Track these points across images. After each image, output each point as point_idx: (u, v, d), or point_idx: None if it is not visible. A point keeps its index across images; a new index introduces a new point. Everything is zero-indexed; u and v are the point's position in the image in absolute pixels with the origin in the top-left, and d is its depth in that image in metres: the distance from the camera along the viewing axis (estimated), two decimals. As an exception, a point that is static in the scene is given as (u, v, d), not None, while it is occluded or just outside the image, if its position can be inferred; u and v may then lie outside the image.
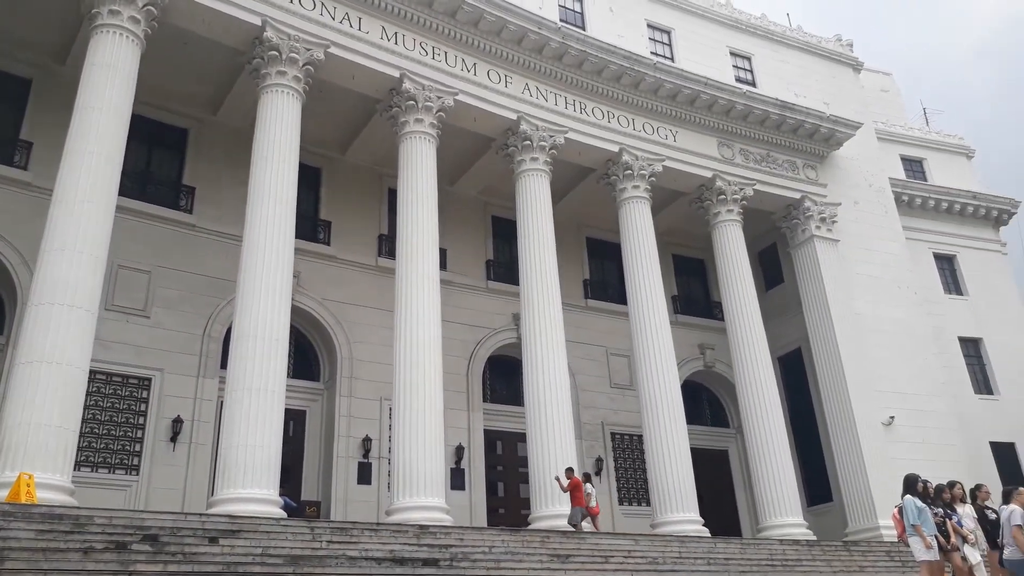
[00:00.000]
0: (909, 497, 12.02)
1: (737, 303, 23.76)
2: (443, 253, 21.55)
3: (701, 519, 19.61)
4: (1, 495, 11.89)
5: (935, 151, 34.99)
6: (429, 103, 20.04)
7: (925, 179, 33.76)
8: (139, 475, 17.89)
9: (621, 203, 23.27)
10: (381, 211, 23.64)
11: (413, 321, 17.73)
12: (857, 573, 16.74)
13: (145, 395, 18.59)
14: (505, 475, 23.44)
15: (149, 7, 16.77)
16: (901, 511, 12.26)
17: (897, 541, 15.75)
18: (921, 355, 25.96)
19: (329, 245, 22.36)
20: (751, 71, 28.20)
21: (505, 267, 24.79)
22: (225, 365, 16.85)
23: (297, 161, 17.92)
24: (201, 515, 13.07)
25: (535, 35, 21.81)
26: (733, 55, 28.20)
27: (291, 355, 19.51)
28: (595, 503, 17.14)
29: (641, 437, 21.69)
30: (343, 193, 23.30)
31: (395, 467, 16.78)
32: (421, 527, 14.60)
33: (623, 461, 25.01)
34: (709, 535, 18.79)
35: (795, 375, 26.08)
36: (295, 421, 20.72)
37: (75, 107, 15.71)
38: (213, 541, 11.87)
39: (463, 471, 21.96)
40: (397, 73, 19.93)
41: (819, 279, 25.19)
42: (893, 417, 23.88)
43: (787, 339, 26.22)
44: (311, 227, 22.20)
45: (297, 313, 19.91)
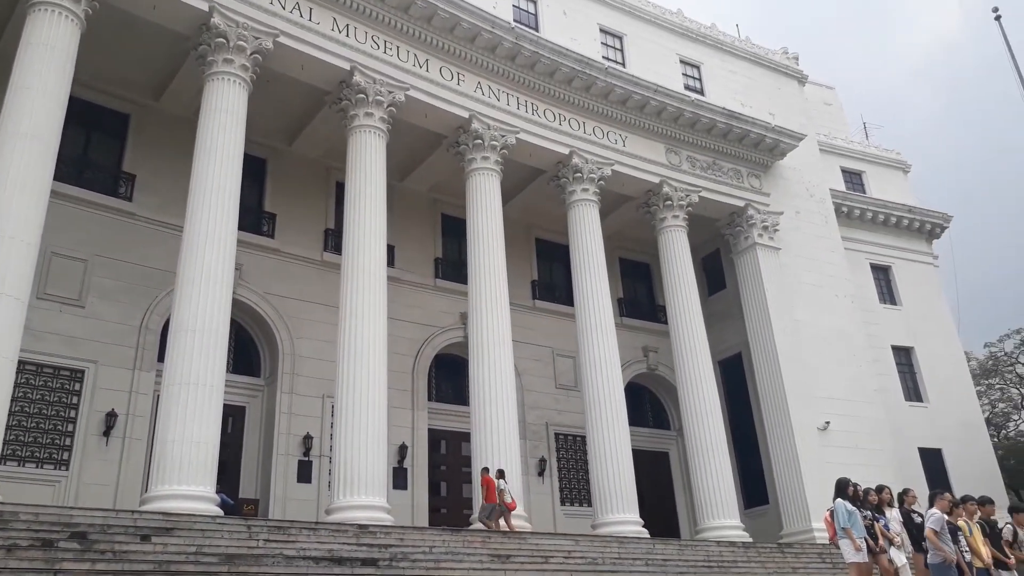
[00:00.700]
0: (840, 501, 12.36)
1: (680, 307, 24.12)
2: (391, 250, 21.39)
3: (641, 520, 19.83)
4: (-83, 490, 11.36)
5: (874, 165, 36.11)
6: (380, 97, 19.85)
7: (864, 191, 34.80)
8: (69, 470, 17.28)
9: (570, 206, 23.41)
10: (328, 205, 23.33)
11: (358, 318, 17.52)
12: (790, 574, 17.14)
13: (78, 387, 17.96)
14: (449, 475, 23.36)
15: (91, -13, 16.22)
16: (833, 514, 12.61)
17: (829, 543, 16.19)
18: (856, 362, 26.75)
19: (273, 238, 21.97)
20: (700, 79, 28.68)
21: (454, 266, 24.72)
22: (163, 358, 16.40)
23: (242, 151, 17.55)
24: (133, 512, 12.69)
25: (488, 34, 21.79)
26: (683, 63, 28.65)
27: (231, 350, 19.14)
28: (510, 499, 17.17)
29: (584, 438, 21.84)
30: (289, 185, 22.92)
31: (336, 466, 16.55)
32: (361, 527, 14.45)
33: (566, 462, 25.16)
34: (648, 536, 19.03)
35: (735, 379, 26.60)
36: (234, 417, 20.31)
37: (8, 87, 15.09)
38: (145, 539, 11.54)
39: (406, 470, 21.81)
40: (347, 66, 19.68)
41: (760, 286, 25.76)
42: (828, 422, 24.54)
43: (728, 344, 26.74)
44: (255, 219, 21.78)
45: (238, 307, 19.50)
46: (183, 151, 18.45)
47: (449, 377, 24.63)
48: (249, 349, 21.59)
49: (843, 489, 12.52)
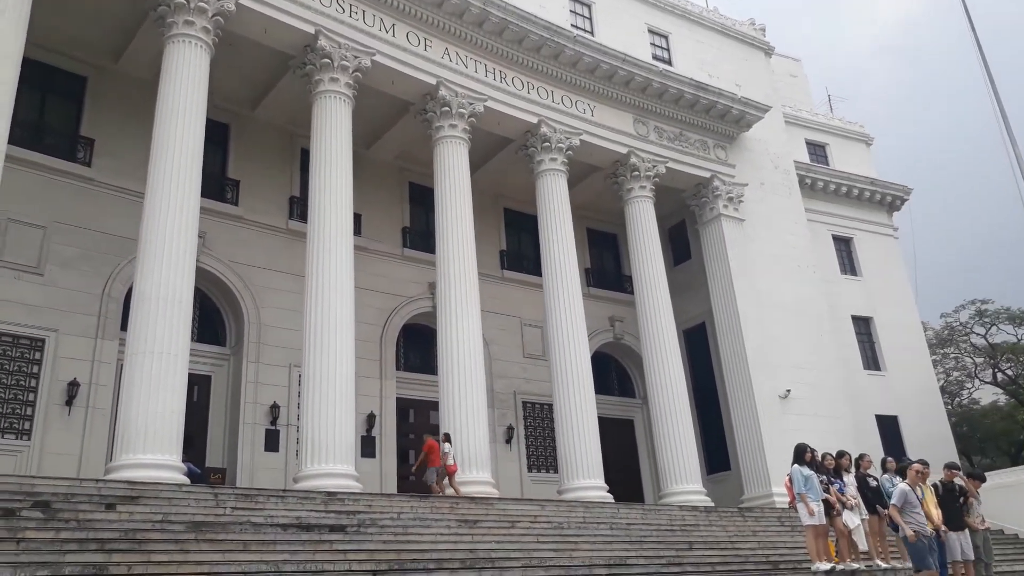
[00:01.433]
0: (796, 466, 12.75)
1: (646, 277, 24.35)
2: (358, 218, 21.16)
3: (606, 486, 20.17)
4: None
5: (838, 137, 36.55)
6: (345, 62, 19.54)
7: (827, 163, 35.26)
8: (31, 440, 17.04)
9: (539, 175, 23.39)
10: (293, 172, 23.04)
11: (325, 287, 17.41)
12: (750, 537, 17.61)
13: (38, 356, 17.65)
14: (417, 443, 23.34)
15: (44, -57, 15.67)
16: (791, 479, 13.00)
17: (788, 507, 16.68)
18: (817, 332, 27.31)
19: (237, 205, 21.65)
20: (668, 50, 28.66)
21: (421, 235, 24.62)
22: (126, 327, 16.16)
23: (204, 116, 17.18)
24: (98, 481, 12.62)
25: (456, -1, 21.51)
26: (651, 32, 28.58)
27: (196, 318, 18.95)
28: (452, 462, 17.55)
29: (551, 406, 22.08)
30: (253, 151, 22.54)
31: (304, 434, 16.55)
32: (329, 494, 14.54)
33: (533, 429, 25.44)
34: (613, 501, 19.39)
35: (699, 348, 27.01)
36: (199, 387, 20.15)
37: (-41, 47, 14.57)
38: (110, 507, 11.49)
39: (374, 439, 21.90)
40: (312, 29, 19.31)
41: (724, 256, 26.08)
42: (789, 390, 25.08)
43: (692, 313, 27.10)
44: (218, 186, 21.43)
45: (202, 275, 19.26)
46: (144, 115, 18.03)
47: (417, 346, 24.65)
48: (214, 318, 21.37)
49: (801, 455, 12.91)
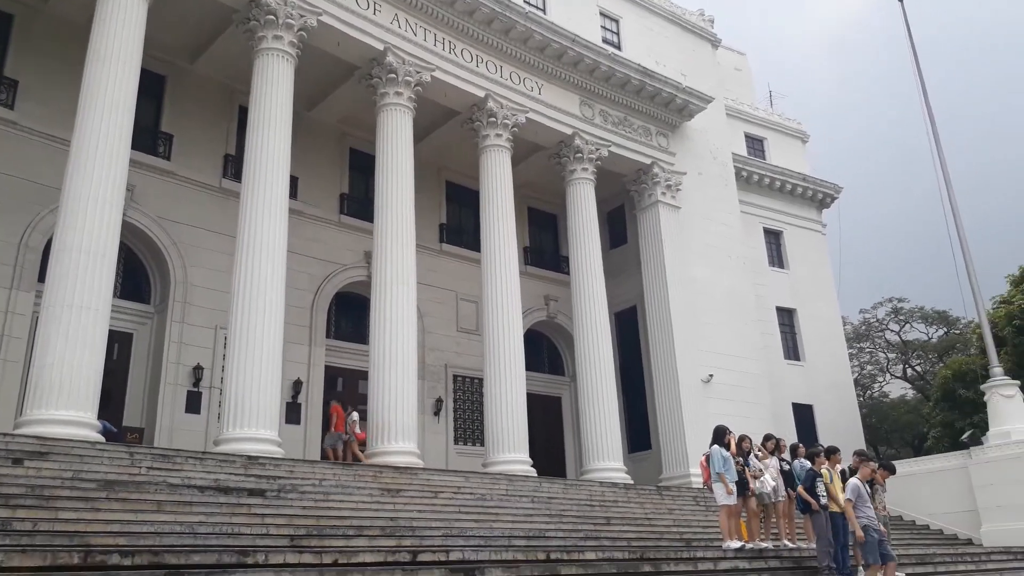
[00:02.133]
0: (716, 447, 13.17)
1: (583, 259, 24.62)
2: (294, 181, 20.81)
3: (530, 460, 20.43)
4: None
5: (776, 132, 37.48)
6: (290, 20, 19.03)
7: (764, 158, 36.15)
8: (-66, 392, 16.34)
9: (483, 150, 23.30)
10: (230, 129, 22.40)
11: (256, 249, 17.03)
12: (666, 515, 18.14)
13: (-55, 305, 16.87)
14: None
15: None
16: (708, 459, 13.44)
17: (703, 487, 17.24)
18: (743, 321, 28.13)
19: (169, 160, 20.97)
20: (618, 34, 28.82)
21: (360, 202, 24.30)
22: (43, 278, 15.55)
23: (139, 65, 16.51)
24: (5, 435, 12.16)
25: (408, -35, 21.14)
26: (603, 16, 28.68)
27: (120, 274, 18.34)
28: (360, 430, 17.82)
29: (482, 380, 22.21)
30: (189, 106, 21.82)
31: (227, 397, 16.25)
32: (250, 458, 14.37)
33: (462, 403, 25.58)
34: (536, 475, 19.69)
35: (629, 331, 27.53)
36: (120, 344, 19.58)
37: None
38: (17, 463, 11.11)
39: (300, 405, 21.67)
40: (257, -16, 18.73)
41: (659, 243, 26.56)
42: (712, 375, 25.82)
43: (625, 296, 27.56)
44: (150, 139, 20.71)
45: (129, 230, 18.67)
46: (74, 60, 17.24)
47: (349, 315, 24.42)
48: (139, 274, 20.73)
49: (721, 436, 13.34)
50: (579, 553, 10.84)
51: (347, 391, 23.43)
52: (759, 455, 13.98)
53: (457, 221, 27.31)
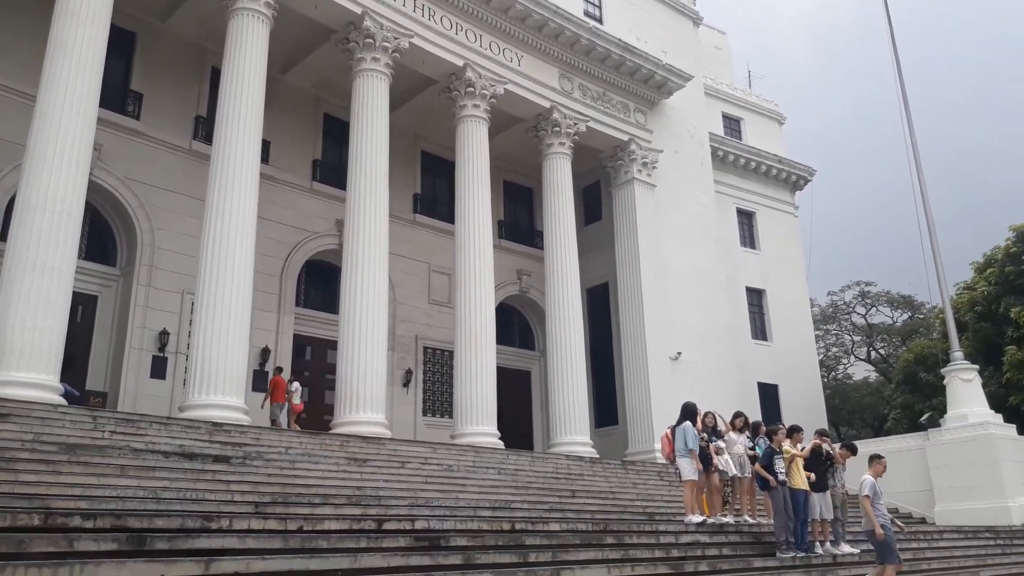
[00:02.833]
0: (688, 424, 13.29)
1: (557, 234, 24.60)
2: (266, 145, 20.44)
3: (498, 432, 20.53)
4: None
5: (753, 113, 37.57)
6: (266, -19, 18.60)
7: (741, 138, 36.26)
8: None
9: (460, 120, 23.08)
10: (202, 90, 21.96)
11: (226, 213, 16.76)
12: (630, 489, 18.37)
13: (-98, 261, 16.39)
14: (312, 381, 23.22)
15: None
16: (673, 433, 13.58)
17: (666, 461, 17.46)
18: (714, 300, 28.38)
19: (139, 120, 20.52)
20: (600, 7, 28.57)
21: (333, 169, 24.00)
22: (5, 237, 15.19)
23: (108, 19, 16.07)
24: (-37, 397, 11.95)
25: (388, -72, 20.70)
26: (585, -12, 28.39)
27: (85, 235, 18.03)
28: (299, 401, 18.37)
29: (452, 353, 22.22)
30: (160, 65, 21.33)
31: (193, 363, 16.09)
32: (215, 424, 14.28)
33: (432, 374, 25.59)
34: (503, 447, 19.81)
35: (600, 307, 27.65)
36: (85, 306, 19.27)
37: None
38: (-24, 424, 10.92)
39: (267, 373, 21.50)
40: (233, -58, 18.25)
41: (633, 220, 26.60)
42: (680, 353, 26.07)
43: (597, 273, 27.62)
44: (119, 98, 20.24)
45: (95, 190, 18.26)
46: (41, 14, 16.73)
47: (320, 284, 24.23)
48: (105, 236, 20.34)
49: (693, 414, 13.44)
50: (544, 524, 10.95)
51: (316, 360, 23.33)
52: (724, 431, 14.17)
53: (431, 192, 27.11)
